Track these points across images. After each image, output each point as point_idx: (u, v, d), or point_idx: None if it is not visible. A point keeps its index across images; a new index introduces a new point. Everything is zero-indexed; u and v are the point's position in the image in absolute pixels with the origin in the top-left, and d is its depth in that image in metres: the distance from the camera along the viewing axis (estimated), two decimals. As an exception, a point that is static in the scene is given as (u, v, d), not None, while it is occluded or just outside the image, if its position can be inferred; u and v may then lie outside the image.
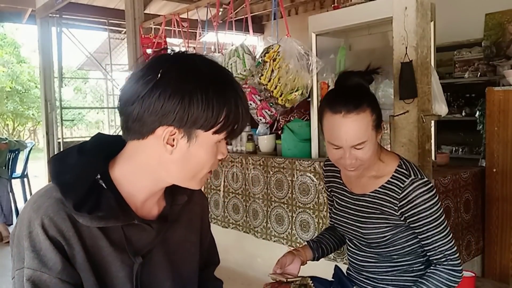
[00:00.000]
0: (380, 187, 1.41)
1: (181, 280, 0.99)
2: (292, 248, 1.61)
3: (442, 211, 1.37)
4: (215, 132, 0.84)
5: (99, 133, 0.98)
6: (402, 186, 1.36)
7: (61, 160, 0.88)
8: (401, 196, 1.36)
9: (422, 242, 1.38)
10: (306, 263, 1.56)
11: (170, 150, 0.84)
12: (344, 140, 1.30)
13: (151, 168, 0.87)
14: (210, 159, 0.87)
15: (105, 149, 0.91)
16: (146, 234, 0.91)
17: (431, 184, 1.36)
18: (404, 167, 1.40)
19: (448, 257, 1.35)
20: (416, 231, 1.37)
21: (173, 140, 0.83)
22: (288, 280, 1.40)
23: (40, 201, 0.83)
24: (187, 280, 1.01)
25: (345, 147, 1.31)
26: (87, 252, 0.83)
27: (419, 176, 1.36)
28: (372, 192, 1.43)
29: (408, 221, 1.37)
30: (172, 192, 0.96)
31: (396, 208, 1.37)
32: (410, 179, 1.36)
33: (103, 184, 0.87)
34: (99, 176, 0.87)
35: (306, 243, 1.63)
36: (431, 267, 1.38)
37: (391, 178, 1.39)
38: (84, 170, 0.85)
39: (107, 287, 0.86)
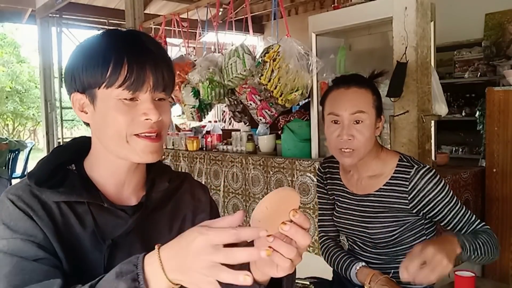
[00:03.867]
0: (384, 185, 1.41)
1: None
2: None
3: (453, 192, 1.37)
4: (108, 87, 0.81)
5: (84, 135, 1.00)
6: (408, 177, 1.36)
7: (41, 158, 0.93)
8: (410, 187, 1.35)
9: (449, 226, 1.36)
10: None
11: (86, 118, 0.87)
12: (345, 107, 1.34)
13: (98, 147, 0.90)
14: (122, 118, 0.82)
15: (84, 146, 0.94)
16: (121, 221, 0.90)
17: (434, 170, 1.37)
18: (405, 160, 1.41)
19: (483, 225, 1.35)
20: (438, 217, 1.36)
21: (83, 107, 0.87)
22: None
23: (12, 186, 0.89)
24: None
25: (344, 117, 1.34)
26: (57, 227, 0.84)
27: (422, 165, 1.37)
28: (376, 191, 1.42)
29: (424, 211, 1.36)
30: (153, 181, 0.97)
31: (407, 201, 1.37)
32: (414, 168, 1.36)
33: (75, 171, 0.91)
34: (74, 168, 0.91)
35: (363, 265, 1.44)
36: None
37: (394, 173, 1.40)
38: (50, 158, 0.90)
39: (79, 265, 0.85)
